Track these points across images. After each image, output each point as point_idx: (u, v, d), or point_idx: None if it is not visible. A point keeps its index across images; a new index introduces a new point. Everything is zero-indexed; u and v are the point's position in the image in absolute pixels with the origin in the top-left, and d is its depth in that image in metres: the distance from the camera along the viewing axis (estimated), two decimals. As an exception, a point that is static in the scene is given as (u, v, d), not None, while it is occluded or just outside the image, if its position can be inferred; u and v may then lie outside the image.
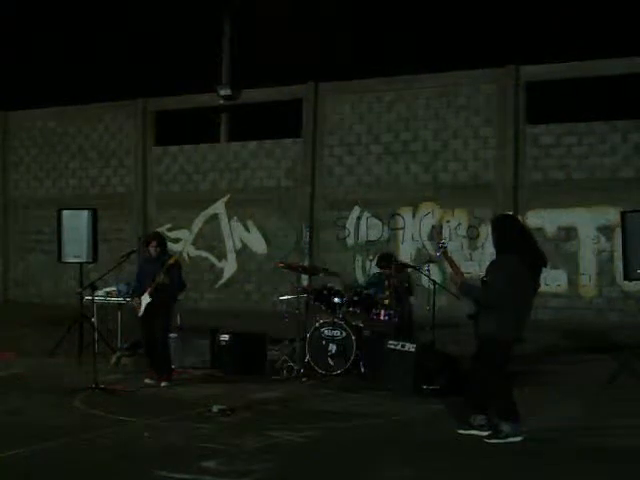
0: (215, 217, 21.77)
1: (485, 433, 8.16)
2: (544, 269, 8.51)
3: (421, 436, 8.39)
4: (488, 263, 8.48)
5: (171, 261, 11.10)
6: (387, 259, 12.76)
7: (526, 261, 8.13)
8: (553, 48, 19.48)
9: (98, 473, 7.22)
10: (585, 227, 17.95)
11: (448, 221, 19.10)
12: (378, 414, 9.38)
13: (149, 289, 10.98)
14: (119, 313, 13.25)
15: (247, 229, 21.35)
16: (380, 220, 19.82)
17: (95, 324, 12.05)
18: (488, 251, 18.61)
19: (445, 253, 8.80)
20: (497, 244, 8.37)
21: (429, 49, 21.93)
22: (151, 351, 11.25)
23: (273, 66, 22.07)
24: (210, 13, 22.52)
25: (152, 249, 11.24)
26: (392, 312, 11.81)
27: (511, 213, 13.05)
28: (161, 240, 11.50)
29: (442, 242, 9.04)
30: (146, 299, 11.02)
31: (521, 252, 8.14)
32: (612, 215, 17.04)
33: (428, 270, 11.47)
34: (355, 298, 12.07)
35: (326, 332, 11.72)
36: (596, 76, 18.06)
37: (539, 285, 8.62)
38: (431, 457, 7.67)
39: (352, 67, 20.63)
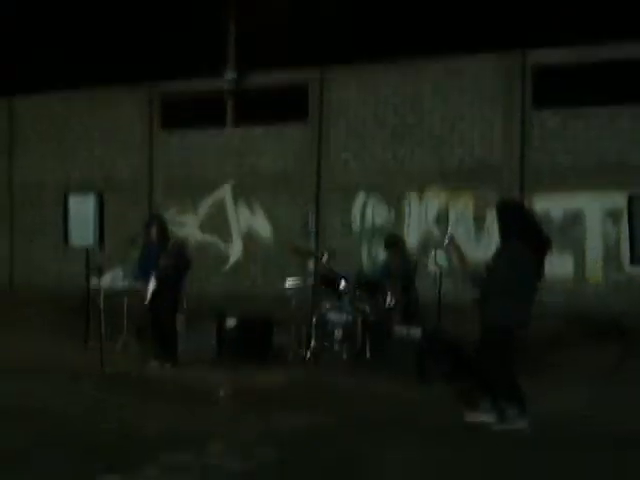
0: (221, 202, 21.76)
1: (492, 419, 8.17)
2: (549, 254, 8.47)
3: (426, 421, 8.40)
4: (494, 248, 8.47)
5: (170, 246, 11.08)
6: (391, 242, 12.75)
7: (531, 247, 8.10)
8: (561, 32, 19.36)
9: (102, 455, 7.24)
10: (591, 212, 17.89)
11: (454, 205, 19.07)
12: (384, 398, 9.39)
13: (154, 274, 10.99)
14: (125, 298, 13.27)
15: (253, 214, 21.35)
16: (386, 205, 19.79)
17: (101, 309, 12.06)
18: (495, 235, 18.56)
19: (453, 244, 8.78)
20: (501, 230, 8.37)
21: (435, 33, 21.80)
22: (158, 334, 11.27)
23: (279, 50, 21.98)
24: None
25: (152, 232, 11.25)
26: (398, 297, 11.82)
27: (516, 198, 12.99)
28: (161, 223, 11.48)
29: (449, 234, 9.02)
30: (152, 283, 11.04)
31: (525, 238, 8.11)
32: (619, 200, 17.01)
33: (435, 255, 11.45)
34: (361, 283, 12.07)
35: (332, 317, 11.73)
36: (604, 60, 17.97)
37: (544, 271, 8.58)
38: (436, 442, 7.69)
39: (358, 51, 20.53)
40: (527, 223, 8.34)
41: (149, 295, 11.11)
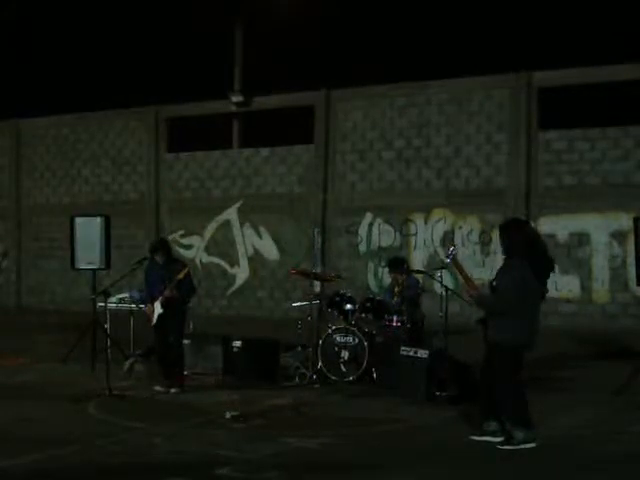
0: (227, 223, 21.80)
1: (498, 439, 8.15)
2: (552, 274, 8.46)
3: (434, 442, 8.38)
4: (494, 268, 8.47)
5: (180, 276, 11.08)
6: (396, 264, 12.75)
7: (535, 266, 8.10)
8: (565, 54, 19.44)
9: (111, 478, 7.24)
10: (598, 233, 17.89)
11: (460, 227, 19.08)
12: (391, 420, 9.37)
13: (160, 298, 11.00)
14: (132, 320, 13.28)
15: (259, 235, 21.38)
16: (392, 226, 19.80)
17: (108, 330, 12.07)
18: (500, 257, 18.53)
19: (455, 260, 8.74)
20: (506, 249, 8.37)
21: (441, 55, 21.90)
22: (164, 358, 11.27)
23: (285, 73, 22.09)
24: (222, 20, 22.57)
25: (158, 258, 11.26)
26: (404, 318, 11.81)
27: (521, 218, 12.99)
28: (165, 247, 11.48)
29: (452, 249, 8.97)
30: (158, 309, 11.05)
31: (529, 257, 8.11)
32: (625, 221, 16.99)
33: (440, 276, 11.44)
34: (367, 304, 12.08)
35: (338, 338, 11.72)
36: (609, 81, 18.01)
37: (547, 290, 8.54)
38: (444, 463, 7.66)
39: (364, 73, 20.62)
40: (531, 242, 8.31)
41: (155, 319, 11.11)
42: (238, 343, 12.07)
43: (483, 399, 8.43)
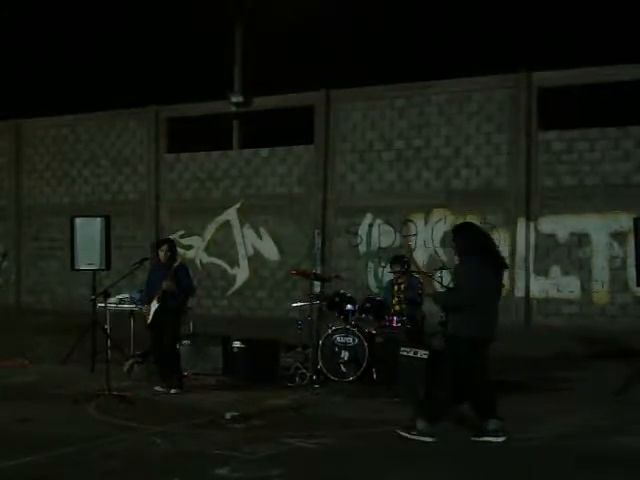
0: (227, 224, 21.79)
1: (500, 439, 8.16)
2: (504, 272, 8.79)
3: (435, 443, 8.37)
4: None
5: (175, 265, 11.11)
6: (396, 260, 12.74)
7: (488, 263, 8.40)
8: (566, 54, 19.44)
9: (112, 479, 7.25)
10: (598, 233, 17.88)
11: (460, 227, 19.02)
12: (391, 421, 9.36)
13: (157, 296, 11.02)
14: (131, 320, 13.28)
15: (259, 236, 21.37)
16: (392, 227, 19.80)
17: (108, 331, 12.07)
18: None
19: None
20: (460, 248, 8.65)
21: (441, 55, 21.91)
22: (160, 358, 11.27)
23: (285, 73, 22.09)
24: (222, 20, 22.56)
25: (162, 253, 11.27)
26: (404, 318, 11.81)
27: (473, 221, 13.32)
28: (171, 246, 11.51)
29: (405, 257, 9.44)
30: (154, 305, 11.06)
31: (483, 255, 8.41)
32: (625, 221, 16.99)
33: (440, 277, 11.44)
34: (367, 305, 12.08)
35: (338, 339, 11.73)
36: (608, 82, 18.01)
37: (503, 286, 8.89)
38: (444, 464, 7.66)
39: (364, 73, 20.62)
40: (484, 241, 8.68)
41: (151, 317, 11.12)
42: (238, 343, 12.07)
43: (476, 400, 8.49)
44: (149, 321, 11.16)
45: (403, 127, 19.84)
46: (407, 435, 8.29)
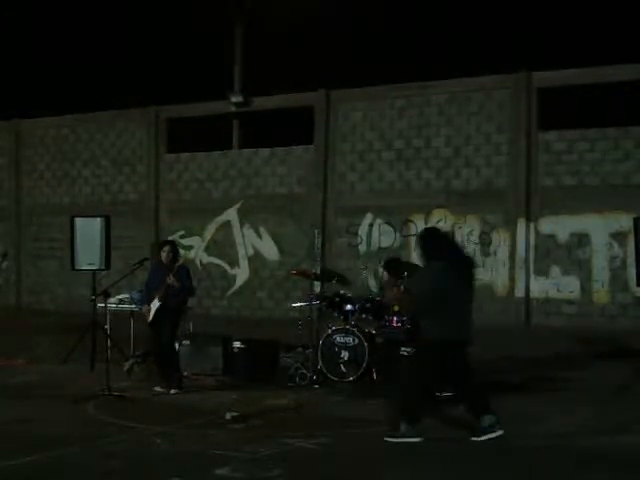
0: (227, 224, 21.80)
1: (498, 432, 8.18)
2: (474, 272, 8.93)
3: (434, 442, 8.37)
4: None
5: (179, 263, 11.14)
6: (392, 263, 12.70)
7: (453, 266, 8.41)
8: (565, 54, 19.45)
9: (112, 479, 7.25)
10: (598, 233, 17.89)
11: (460, 227, 19.08)
12: (391, 421, 9.36)
13: (159, 294, 11.02)
14: (131, 320, 13.27)
15: (259, 236, 21.38)
16: (392, 227, 19.80)
17: (108, 331, 12.06)
18: (500, 257, 18.61)
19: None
20: (423, 254, 8.75)
21: (441, 55, 21.93)
22: (159, 358, 11.28)
23: (285, 73, 22.11)
24: (222, 20, 22.58)
25: (163, 254, 11.27)
26: (404, 318, 11.79)
27: (437, 227, 13.40)
28: (173, 247, 11.53)
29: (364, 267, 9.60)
30: (155, 304, 11.07)
31: (448, 258, 8.44)
32: (625, 221, 16.99)
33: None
34: (367, 305, 12.07)
35: (338, 339, 11.72)
36: (608, 82, 18.01)
37: (474, 286, 8.90)
38: (444, 463, 7.66)
39: (364, 74, 20.63)
40: (447, 244, 8.79)
41: (151, 316, 11.12)
42: (238, 343, 12.07)
43: (469, 398, 8.53)
44: (150, 320, 11.16)
45: (403, 127, 19.85)
46: (393, 440, 8.29)
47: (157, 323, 11.16)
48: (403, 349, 10.85)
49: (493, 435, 8.20)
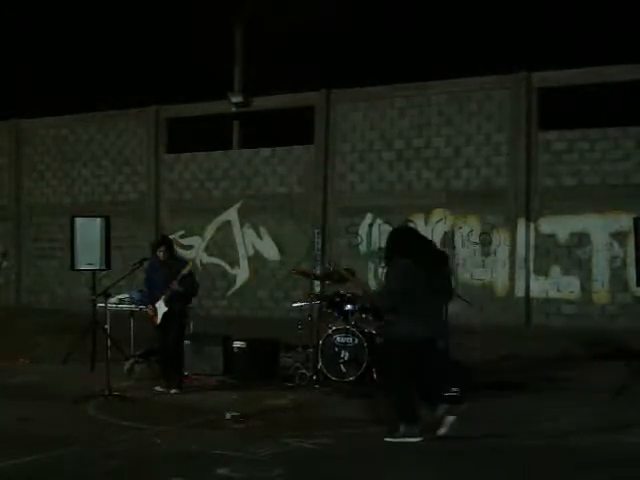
0: (227, 224, 21.79)
1: (415, 439, 8.20)
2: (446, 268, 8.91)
3: (434, 442, 8.37)
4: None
5: (185, 272, 11.14)
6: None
7: (422, 264, 8.35)
8: (565, 54, 19.45)
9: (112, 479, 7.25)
10: (598, 233, 17.88)
11: (460, 227, 19.07)
12: (391, 421, 9.36)
13: (164, 297, 11.02)
14: (131, 320, 13.28)
15: (259, 236, 21.37)
16: (392, 227, 19.77)
17: (108, 331, 12.07)
18: (500, 257, 18.60)
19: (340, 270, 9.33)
20: (391, 253, 8.67)
21: (441, 56, 21.93)
22: (164, 359, 11.28)
23: (285, 73, 22.11)
24: (222, 20, 22.58)
25: (160, 253, 11.28)
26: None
27: (407, 225, 13.42)
28: (169, 244, 11.52)
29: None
30: (162, 307, 11.06)
31: (415, 256, 8.39)
32: (625, 221, 16.99)
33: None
34: (367, 305, 12.08)
35: (338, 339, 11.72)
36: (609, 82, 18.01)
37: (449, 283, 8.98)
38: (444, 463, 7.66)
39: (364, 74, 20.63)
40: (417, 243, 8.70)
41: (160, 318, 11.12)
42: (238, 343, 12.08)
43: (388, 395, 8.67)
44: (158, 322, 11.16)
45: (403, 127, 19.84)
46: (392, 439, 8.29)
47: (164, 324, 11.16)
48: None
49: (405, 440, 8.24)
